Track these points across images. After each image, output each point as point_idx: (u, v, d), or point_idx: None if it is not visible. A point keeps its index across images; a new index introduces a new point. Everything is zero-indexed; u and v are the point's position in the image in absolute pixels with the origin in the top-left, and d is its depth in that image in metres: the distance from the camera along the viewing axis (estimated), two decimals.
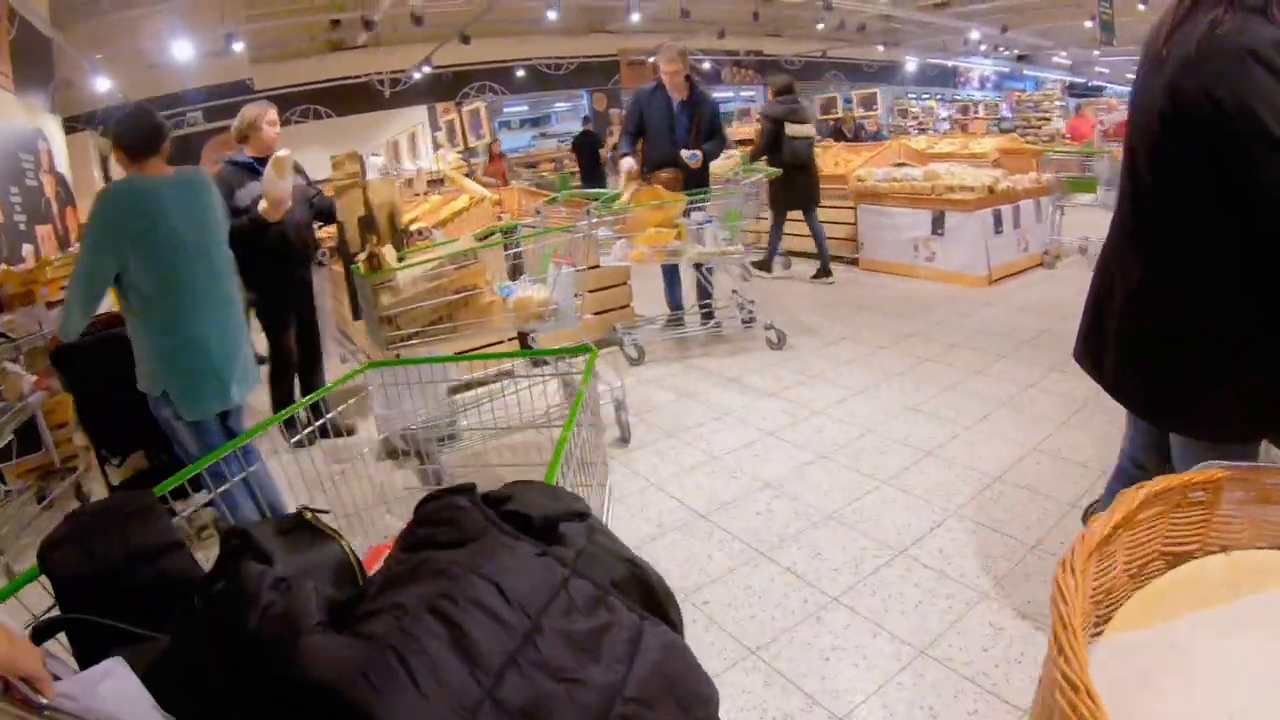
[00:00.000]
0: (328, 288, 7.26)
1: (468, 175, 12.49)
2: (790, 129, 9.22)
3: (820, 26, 23.14)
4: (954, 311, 8.20)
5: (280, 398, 5.98)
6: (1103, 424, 5.09)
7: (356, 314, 5.87)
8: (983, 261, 9.20)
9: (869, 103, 14.18)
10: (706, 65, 26.33)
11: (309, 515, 1.73)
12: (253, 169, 5.64)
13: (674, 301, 7.97)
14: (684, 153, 7.29)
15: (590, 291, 7.19)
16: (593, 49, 24.83)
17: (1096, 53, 29.11)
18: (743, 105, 25.90)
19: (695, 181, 7.41)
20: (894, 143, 12.33)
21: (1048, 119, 25.99)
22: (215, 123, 17.86)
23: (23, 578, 1.61)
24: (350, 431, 5.91)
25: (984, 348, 6.96)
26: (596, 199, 7.30)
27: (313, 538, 1.68)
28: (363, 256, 4.74)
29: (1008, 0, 23.08)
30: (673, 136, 7.34)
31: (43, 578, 1.55)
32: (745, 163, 10.24)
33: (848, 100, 17.70)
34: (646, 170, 7.51)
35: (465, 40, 17.98)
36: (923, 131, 23.96)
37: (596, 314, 7.62)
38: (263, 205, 5.21)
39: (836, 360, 6.87)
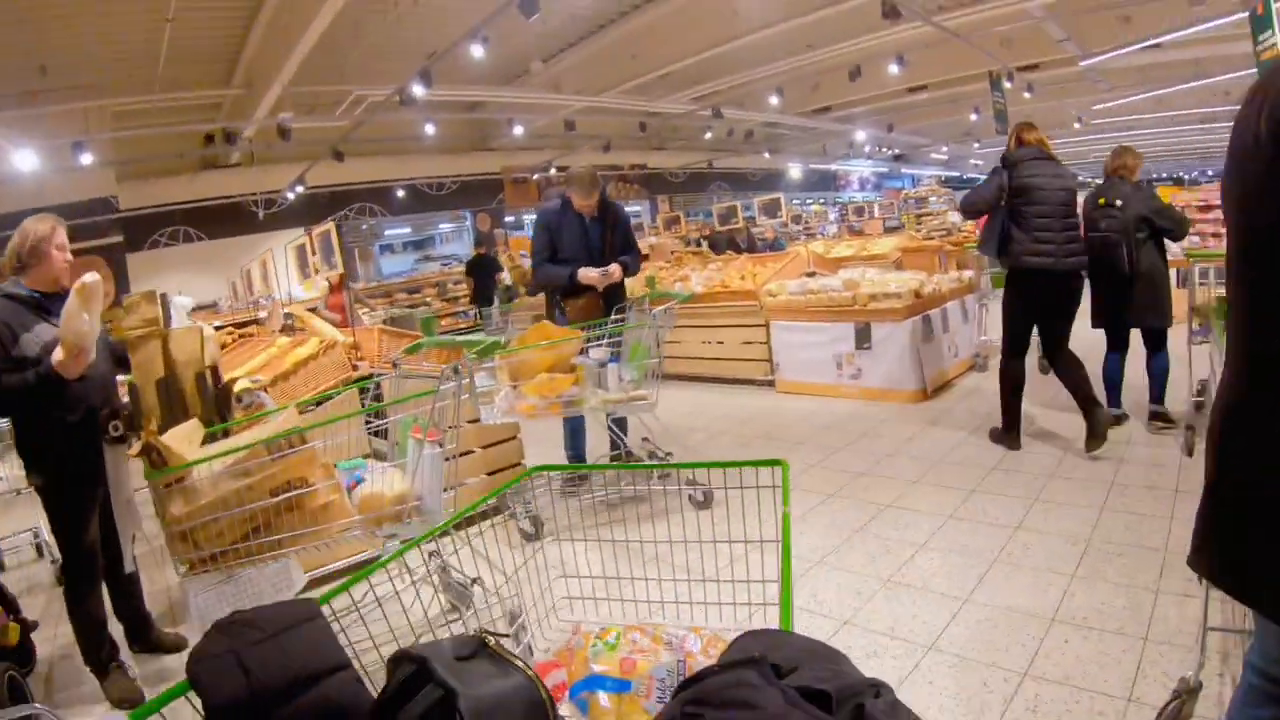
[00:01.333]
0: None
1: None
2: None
3: (708, 136, 22.66)
4: (898, 437, 7.19)
5: (87, 621, 4.29)
6: (1122, 568, 4.26)
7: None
8: (915, 374, 8.26)
9: (772, 210, 13.34)
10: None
11: (491, 641, 1.61)
12: (39, 306, 4.13)
13: (576, 453, 6.82)
14: (594, 272, 6.43)
15: (462, 455, 5.95)
16: (475, 167, 24.01)
17: (976, 145, 29.32)
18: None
19: (612, 304, 6.48)
20: (801, 250, 11.44)
21: (930, 214, 25.85)
22: (77, 243, 16.17)
23: (170, 692, 1.46)
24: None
25: (949, 481, 5.95)
26: (472, 347, 5.99)
27: (496, 667, 1.54)
28: (135, 450, 3.44)
29: (886, 101, 23.05)
30: (590, 257, 6.54)
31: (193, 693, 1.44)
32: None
33: (749, 209, 16.83)
34: (560, 297, 6.69)
35: (339, 158, 16.80)
36: (811, 236, 23.51)
37: (485, 475, 6.39)
38: (58, 355, 3.70)
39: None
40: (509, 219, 25.75)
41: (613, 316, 6.22)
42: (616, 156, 25.81)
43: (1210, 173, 38.62)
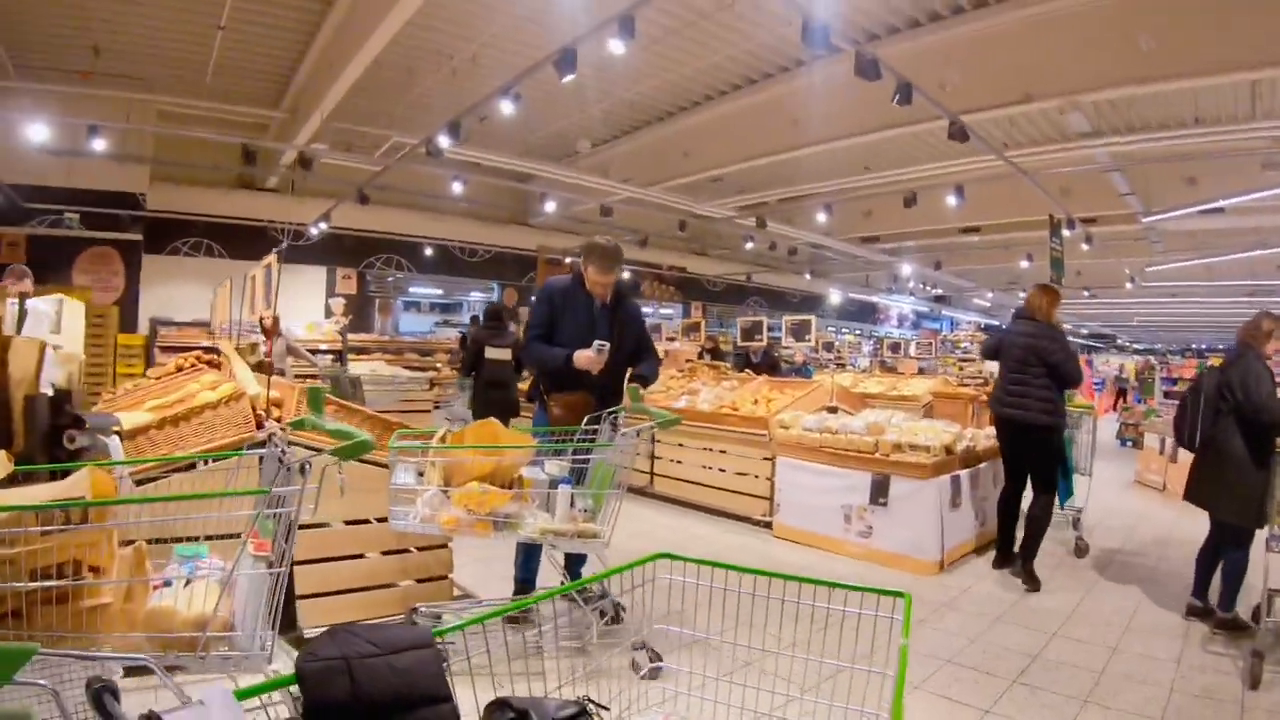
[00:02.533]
0: None
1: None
2: (490, 352, 10.35)
3: (750, 247, 21.75)
4: (875, 639, 5.90)
5: None
6: None
7: None
8: (934, 541, 7.10)
9: (801, 331, 12.17)
10: (626, 275, 24.87)
11: (591, 708, 1.78)
12: None
13: (526, 579, 5.66)
14: (588, 351, 5.37)
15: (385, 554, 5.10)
16: (511, 240, 23.14)
17: (1021, 294, 28.34)
18: (655, 321, 24.23)
19: (605, 406, 5.29)
20: (825, 380, 10.35)
21: (970, 359, 24.89)
22: (95, 231, 15.51)
23: (276, 681, 1.53)
24: None
25: (958, 693, 4.75)
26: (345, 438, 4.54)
27: None
28: None
29: (937, 239, 22.28)
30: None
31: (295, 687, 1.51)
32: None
33: (775, 328, 15.67)
34: (547, 390, 5.74)
35: (363, 200, 15.85)
36: (842, 366, 22.50)
37: (388, 587, 5.30)
38: None
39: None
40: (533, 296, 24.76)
41: (584, 426, 5.15)
42: (654, 255, 25.02)
43: None
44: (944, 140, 10.81)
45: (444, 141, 11.78)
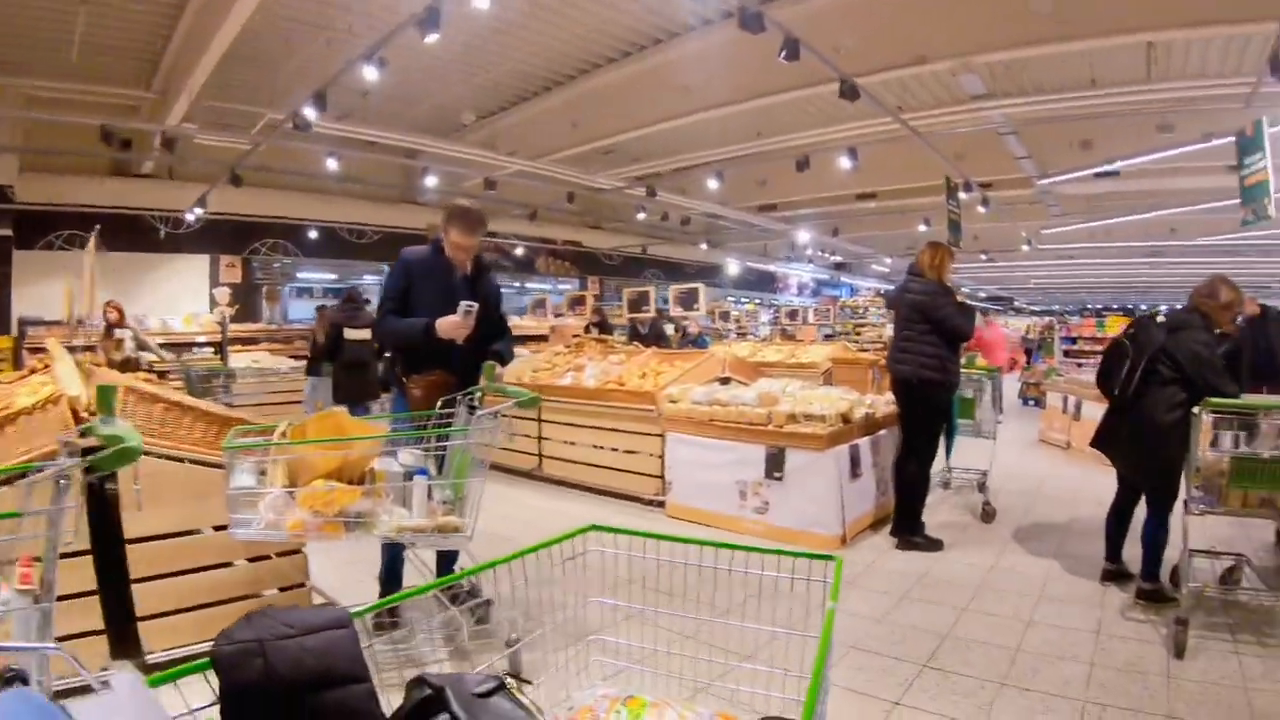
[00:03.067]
0: None
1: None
2: (349, 333, 10.22)
3: (641, 217, 21.20)
4: (809, 602, 5.45)
5: None
6: None
7: None
8: (834, 515, 6.66)
9: (689, 300, 11.38)
10: (520, 251, 24.17)
11: (512, 685, 1.67)
12: None
13: (388, 578, 5.11)
14: (453, 318, 4.85)
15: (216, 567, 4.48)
16: (399, 220, 22.01)
17: None
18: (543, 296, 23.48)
19: (468, 385, 4.76)
20: (718, 350, 9.82)
21: (869, 325, 24.70)
22: None
23: (191, 666, 1.49)
24: None
25: (862, 683, 4.31)
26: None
27: (511, 711, 1.62)
28: None
29: (834, 206, 21.97)
30: None
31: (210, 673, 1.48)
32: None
33: (664, 299, 14.95)
34: (404, 370, 5.18)
35: (236, 182, 14.77)
36: (743, 336, 22.11)
37: (242, 600, 4.63)
38: None
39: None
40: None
41: (439, 411, 4.64)
42: (548, 229, 24.39)
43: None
44: (837, 104, 10.52)
45: (310, 114, 10.97)
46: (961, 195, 14.73)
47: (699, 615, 2.54)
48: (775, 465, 6.81)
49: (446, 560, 5.12)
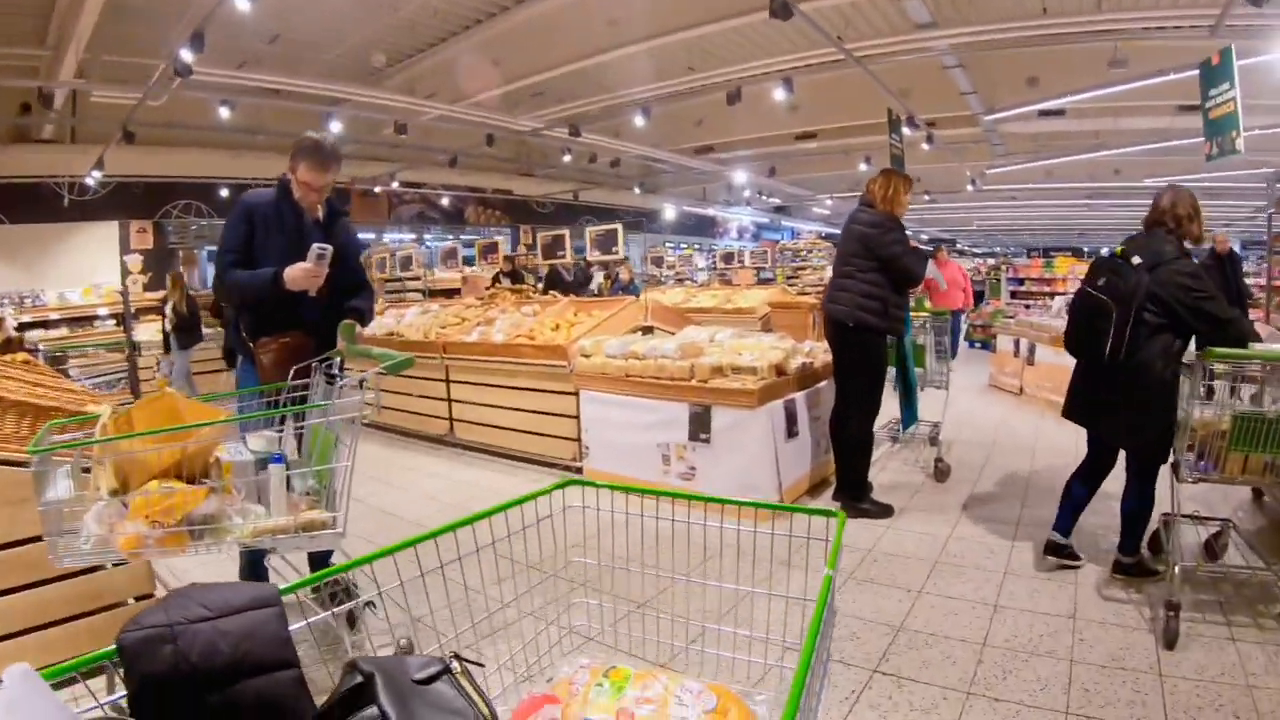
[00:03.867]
0: None
1: None
2: None
3: (567, 159, 20.03)
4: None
5: None
6: None
7: None
8: (769, 480, 5.86)
9: (606, 243, 10.07)
10: (445, 201, 23.11)
11: (459, 667, 1.50)
12: None
13: (251, 579, 4.22)
14: (304, 265, 4.08)
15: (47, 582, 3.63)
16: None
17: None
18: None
19: (326, 349, 4.11)
20: (643, 297, 8.89)
21: (809, 268, 23.88)
22: None
23: (96, 656, 1.31)
24: None
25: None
26: None
27: (451, 698, 1.44)
28: None
29: (773, 147, 21.17)
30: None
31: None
32: None
33: (580, 245, 13.38)
34: (249, 333, 4.36)
35: (129, 138, 13.91)
36: (681, 282, 21.24)
37: (76, 619, 3.74)
38: None
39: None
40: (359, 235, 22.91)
41: (291, 382, 3.88)
42: (478, 178, 23.53)
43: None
44: (773, 35, 9.76)
45: (188, 56, 10.07)
46: (905, 130, 13.93)
47: (689, 576, 2.37)
48: (700, 426, 5.96)
49: (320, 560, 4.32)
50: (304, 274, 4.06)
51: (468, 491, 7.05)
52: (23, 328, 12.20)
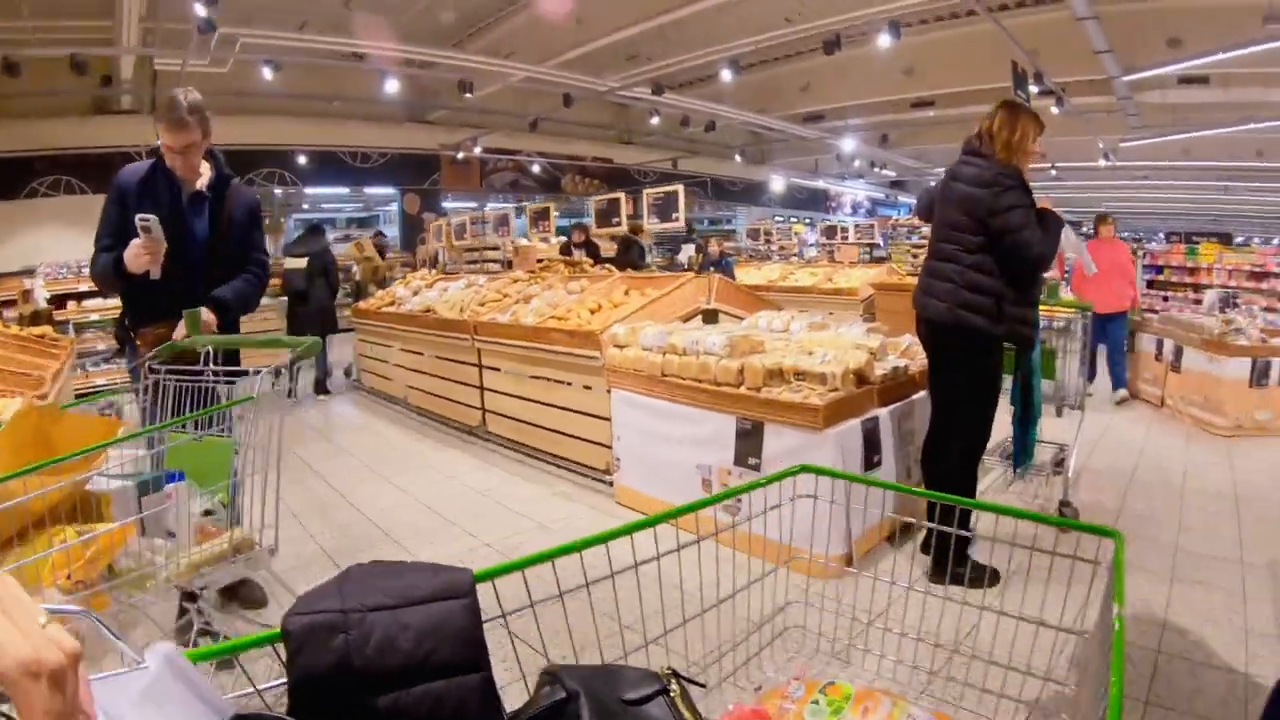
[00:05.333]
0: None
1: None
2: (287, 263, 9.37)
3: (655, 121, 18.69)
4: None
5: None
6: None
7: None
8: (837, 525, 4.26)
9: (665, 209, 8.29)
10: (536, 169, 21.92)
11: (675, 688, 1.32)
12: None
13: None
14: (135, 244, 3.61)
15: None
16: (407, 141, 20.20)
17: None
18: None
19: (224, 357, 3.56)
20: (709, 275, 7.32)
21: (923, 247, 22.03)
22: None
23: (261, 637, 1.18)
24: None
25: None
26: None
27: (665, 711, 1.28)
28: None
29: (887, 115, 19.61)
30: (185, 258, 3.83)
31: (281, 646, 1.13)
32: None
33: (639, 209, 11.05)
34: (134, 322, 3.99)
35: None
36: (787, 258, 19.68)
37: None
38: None
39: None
40: (448, 203, 21.98)
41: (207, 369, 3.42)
42: (578, 147, 22.39)
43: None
44: None
45: (200, 10, 9.68)
46: (1032, 88, 12.21)
47: (929, 591, 2.04)
48: (750, 447, 4.47)
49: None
50: (135, 252, 3.59)
51: (477, 505, 5.71)
52: (57, 301, 11.35)
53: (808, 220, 31.02)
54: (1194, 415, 8.27)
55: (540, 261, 9.61)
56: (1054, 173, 23.30)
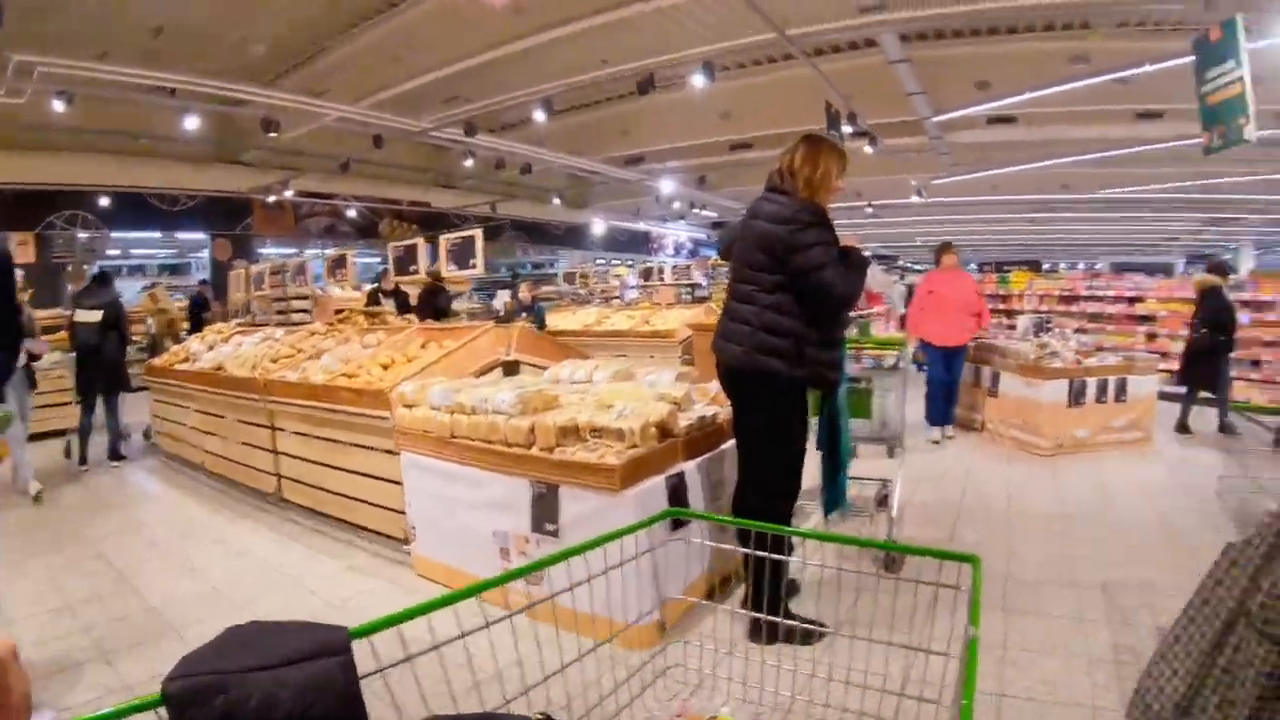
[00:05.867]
0: None
1: None
2: (78, 315, 8.77)
3: (469, 163, 18.02)
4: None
5: None
6: None
7: None
8: (646, 590, 3.78)
9: (463, 255, 7.63)
10: (352, 213, 21.20)
11: None
12: None
13: None
14: None
15: None
16: (221, 183, 19.06)
17: None
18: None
19: None
20: (510, 325, 6.85)
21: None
22: None
23: (137, 703, 1.18)
24: None
25: None
26: None
27: None
28: None
29: (707, 158, 19.71)
30: None
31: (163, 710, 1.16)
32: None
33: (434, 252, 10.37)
34: None
35: None
36: (608, 301, 19.44)
37: None
38: None
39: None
40: (266, 249, 21.10)
41: None
42: (394, 190, 21.69)
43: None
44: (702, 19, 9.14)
45: None
46: (846, 128, 12.29)
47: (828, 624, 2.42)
48: (546, 513, 4.05)
49: None
50: None
51: (269, 584, 5.10)
52: None
53: (629, 262, 30.81)
54: (1015, 438, 8.36)
55: (339, 312, 9.01)
56: (869, 210, 23.78)
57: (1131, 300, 15.09)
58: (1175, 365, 12.11)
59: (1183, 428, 9.14)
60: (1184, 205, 23.31)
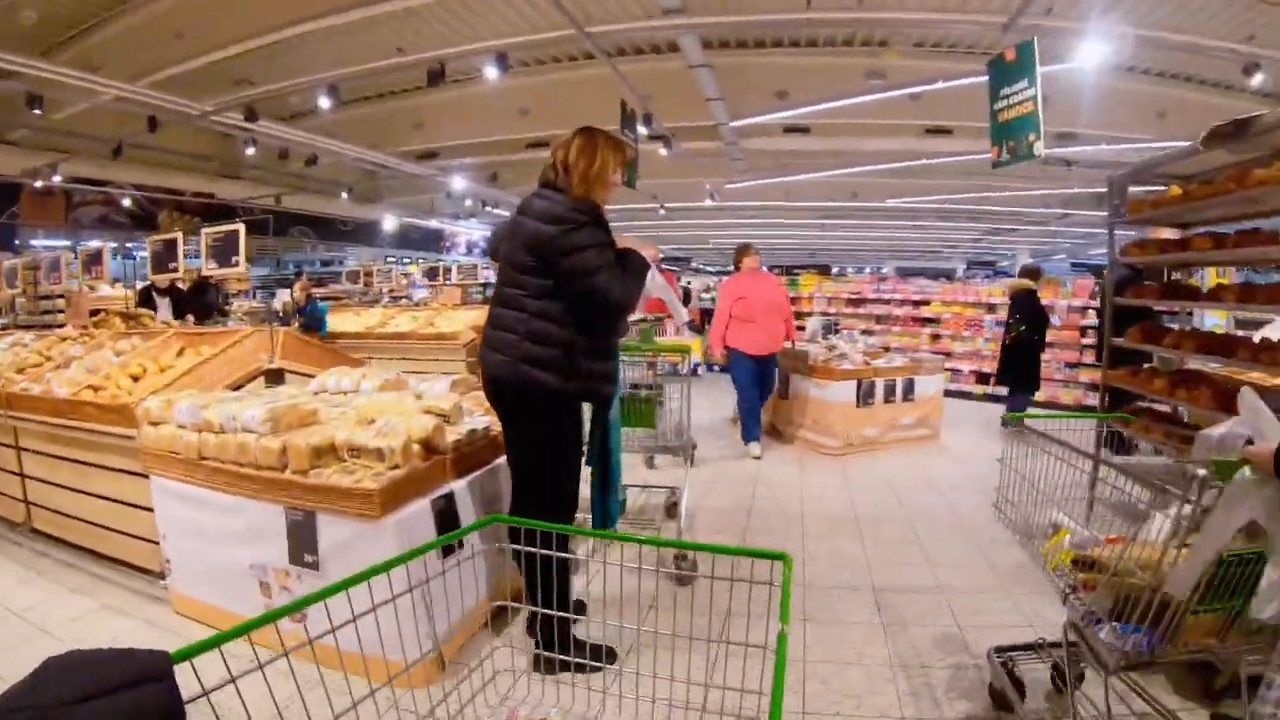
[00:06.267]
0: None
1: None
2: None
3: (250, 151, 16.91)
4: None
5: None
6: None
7: None
8: (421, 624, 3.46)
9: (225, 253, 7.14)
10: (128, 202, 19.77)
11: None
12: None
13: None
14: None
15: None
16: None
17: None
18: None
19: None
20: (275, 327, 6.29)
21: None
22: None
23: None
24: None
25: None
26: None
27: None
28: None
29: (505, 155, 19.20)
30: None
31: None
32: None
33: (195, 250, 9.31)
34: None
35: None
36: (396, 300, 18.87)
37: None
38: None
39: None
40: (37, 240, 19.41)
41: None
42: (177, 179, 19.98)
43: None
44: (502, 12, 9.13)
45: None
46: (641, 129, 12.18)
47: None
48: (304, 542, 3.68)
49: None
50: None
51: (12, 634, 4.40)
52: None
53: (420, 260, 30.08)
54: (806, 438, 8.48)
55: (95, 314, 8.21)
56: (662, 212, 23.86)
57: (917, 303, 15.62)
58: (960, 365, 12.55)
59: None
60: (966, 216, 24.48)
